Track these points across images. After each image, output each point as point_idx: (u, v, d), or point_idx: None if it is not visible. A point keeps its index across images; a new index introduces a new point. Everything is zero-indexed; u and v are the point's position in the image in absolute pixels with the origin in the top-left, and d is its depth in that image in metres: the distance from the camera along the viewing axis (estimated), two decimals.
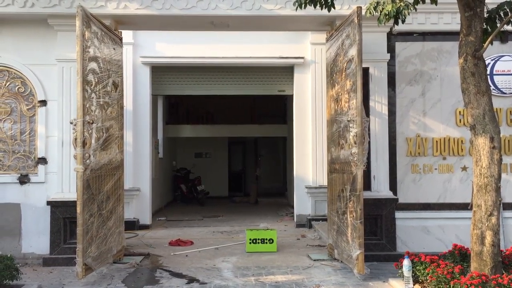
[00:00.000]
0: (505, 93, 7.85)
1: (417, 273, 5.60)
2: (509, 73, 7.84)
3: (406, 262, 5.57)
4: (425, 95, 7.82)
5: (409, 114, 7.80)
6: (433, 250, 6.85)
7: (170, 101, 16.00)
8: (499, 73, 7.83)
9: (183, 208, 14.04)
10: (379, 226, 7.35)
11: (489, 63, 7.63)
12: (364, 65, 6.40)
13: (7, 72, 7.51)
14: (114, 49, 7.07)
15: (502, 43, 7.76)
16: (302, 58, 10.01)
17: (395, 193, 7.59)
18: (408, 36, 7.82)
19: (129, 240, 8.46)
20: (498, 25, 5.53)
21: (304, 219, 9.79)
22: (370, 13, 5.49)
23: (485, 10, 5.54)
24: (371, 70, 7.45)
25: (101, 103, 6.56)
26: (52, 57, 7.32)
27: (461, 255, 5.93)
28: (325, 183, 8.11)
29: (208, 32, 9.05)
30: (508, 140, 7.81)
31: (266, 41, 9.88)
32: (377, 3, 5.46)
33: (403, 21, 5.37)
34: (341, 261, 6.79)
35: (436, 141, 7.81)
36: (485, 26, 5.58)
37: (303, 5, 5.77)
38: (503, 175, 5.98)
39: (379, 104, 7.48)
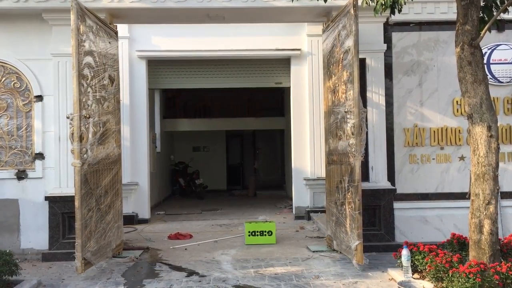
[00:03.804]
0: (502, 82, 7.85)
1: (416, 262, 5.61)
2: (506, 62, 7.84)
3: (404, 252, 5.58)
4: (422, 85, 7.82)
5: (407, 104, 7.80)
6: (431, 240, 6.88)
7: (167, 95, 15.97)
8: (496, 62, 7.83)
9: (181, 202, 14.05)
10: (378, 216, 7.36)
11: (486, 52, 7.63)
12: (360, 56, 6.39)
13: (2, 67, 7.47)
14: (109, 43, 7.03)
15: (499, 32, 7.76)
16: (299, 50, 9.98)
17: (393, 183, 7.60)
18: (405, 26, 7.81)
19: (128, 235, 8.46)
20: (495, 13, 5.51)
21: (302, 211, 9.80)
22: (366, 3, 5.45)
23: None
24: (368, 61, 7.43)
25: (97, 97, 6.53)
26: (48, 52, 7.28)
27: (459, 244, 5.95)
28: (323, 174, 8.11)
29: (204, 25, 8.99)
30: (505, 129, 7.83)
31: (262, 33, 9.84)
32: None
33: (399, 11, 5.34)
34: (340, 252, 6.81)
35: (434, 131, 7.82)
36: (481, 15, 5.55)
37: None
38: (501, 164, 6.00)
39: (376, 94, 7.47)
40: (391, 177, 7.61)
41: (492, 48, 7.81)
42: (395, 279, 5.69)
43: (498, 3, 5.52)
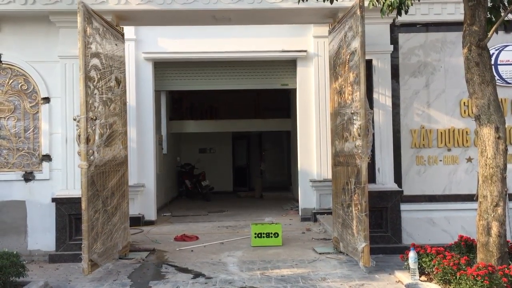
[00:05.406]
0: (509, 83, 7.79)
1: (423, 265, 5.59)
2: None
3: (412, 254, 5.55)
4: (429, 86, 7.77)
5: (413, 105, 7.76)
6: (439, 242, 6.83)
7: (173, 97, 15.99)
8: (504, 63, 7.77)
9: (188, 204, 14.06)
10: (385, 218, 7.33)
11: (493, 53, 7.57)
12: (367, 57, 6.36)
13: (9, 69, 7.51)
14: (116, 45, 7.06)
15: (506, 33, 7.68)
16: (305, 51, 9.97)
17: (400, 185, 7.56)
18: (412, 27, 7.77)
19: (135, 236, 8.47)
20: (502, 14, 5.48)
21: (309, 213, 9.78)
22: (372, 4, 5.44)
23: None
24: (374, 62, 7.41)
25: (104, 99, 6.56)
26: (55, 54, 7.31)
27: (467, 246, 5.91)
28: (330, 176, 8.09)
29: (210, 26, 9.02)
30: None
31: (268, 34, 9.84)
32: None
33: (406, 12, 5.32)
34: (347, 254, 6.79)
35: (441, 133, 7.77)
36: (489, 15, 5.52)
37: None
38: (509, 166, 5.91)
39: (382, 96, 7.44)
40: (398, 178, 7.57)
41: (500, 49, 7.76)
42: (402, 281, 5.67)
43: (506, 3, 5.49)
